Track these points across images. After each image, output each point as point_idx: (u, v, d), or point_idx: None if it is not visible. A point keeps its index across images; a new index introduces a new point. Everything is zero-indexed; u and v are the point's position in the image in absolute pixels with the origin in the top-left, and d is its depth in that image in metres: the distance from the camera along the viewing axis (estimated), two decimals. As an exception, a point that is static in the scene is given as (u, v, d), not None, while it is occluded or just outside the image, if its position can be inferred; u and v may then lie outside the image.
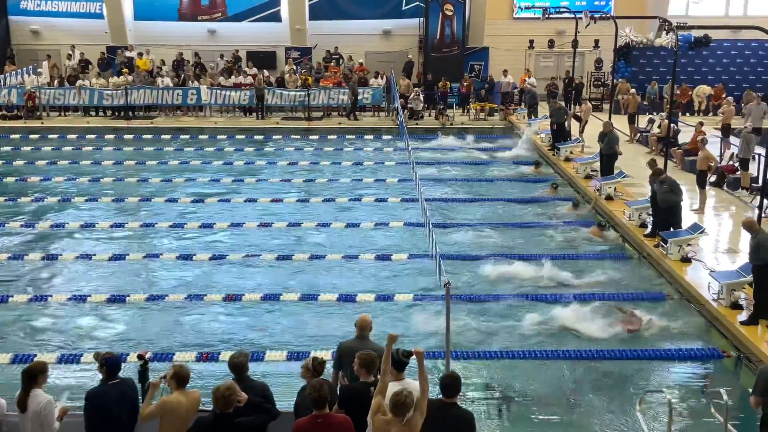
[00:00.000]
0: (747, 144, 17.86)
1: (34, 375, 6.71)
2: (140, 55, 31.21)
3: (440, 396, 6.47)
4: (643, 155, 22.69)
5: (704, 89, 29.67)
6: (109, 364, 6.83)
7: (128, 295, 12.52)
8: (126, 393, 6.81)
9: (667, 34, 20.06)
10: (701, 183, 16.82)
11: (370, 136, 26.59)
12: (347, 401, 6.71)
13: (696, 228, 13.60)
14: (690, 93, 29.60)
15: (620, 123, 24.34)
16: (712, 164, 17.21)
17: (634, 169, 18.86)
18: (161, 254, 14.61)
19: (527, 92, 27.95)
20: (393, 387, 6.50)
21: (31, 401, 6.63)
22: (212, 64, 31.38)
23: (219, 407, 6.23)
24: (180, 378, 6.72)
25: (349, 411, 6.55)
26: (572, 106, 29.22)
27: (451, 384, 6.44)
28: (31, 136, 26.17)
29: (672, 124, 20.76)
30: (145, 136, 26.25)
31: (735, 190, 18.27)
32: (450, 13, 31.72)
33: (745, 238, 14.78)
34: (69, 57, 31.72)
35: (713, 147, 20.45)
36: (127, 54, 31.60)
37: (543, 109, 27.73)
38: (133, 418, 6.82)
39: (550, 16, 28.22)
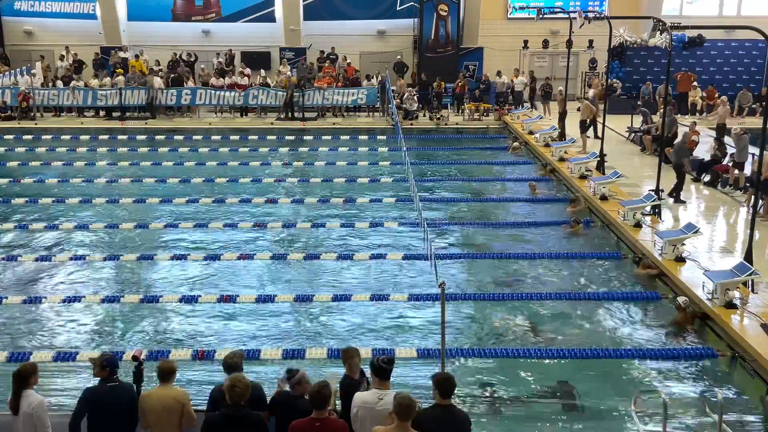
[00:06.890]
0: (742, 146, 17.84)
1: (25, 377, 6.67)
2: (137, 57, 31.16)
3: (435, 397, 6.33)
4: (637, 155, 22.77)
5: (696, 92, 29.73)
6: (108, 365, 6.81)
7: (122, 296, 12.49)
8: (121, 397, 6.76)
9: (661, 34, 20.02)
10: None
11: (365, 137, 26.59)
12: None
13: (690, 228, 13.60)
14: (692, 79, 29.56)
15: (614, 122, 24.39)
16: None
17: (628, 169, 18.87)
18: (155, 255, 14.57)
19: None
20: (376, 394, 6.44)
21: (22, 402, 6.59)
22: (204, 65, 31.31)
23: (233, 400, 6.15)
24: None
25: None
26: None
27: (446, 384, 6.31)
28: (25, 137, 26.14)
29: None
30: (139, 137, 26.22)
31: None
32: (444, 14, 31.73)
33: (739, 237, 14.88)
34: (62, 58, 31.63)
35: (707, 146, 20.53)
36: (121, 54, 31.54)
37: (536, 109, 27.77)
38: (129, 422, 6.78)
39: (545, 16, 28.25)
